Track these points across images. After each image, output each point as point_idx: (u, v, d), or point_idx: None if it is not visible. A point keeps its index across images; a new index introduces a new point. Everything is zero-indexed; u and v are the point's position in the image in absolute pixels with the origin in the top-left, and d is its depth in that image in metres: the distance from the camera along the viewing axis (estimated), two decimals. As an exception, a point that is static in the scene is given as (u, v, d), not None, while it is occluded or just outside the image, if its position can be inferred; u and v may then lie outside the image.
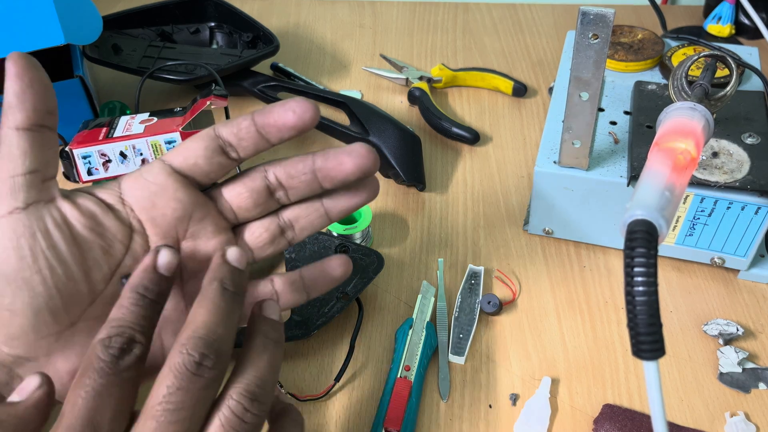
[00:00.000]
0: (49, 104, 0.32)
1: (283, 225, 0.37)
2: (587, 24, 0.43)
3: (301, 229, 0.37)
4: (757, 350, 0.48)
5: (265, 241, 0.37)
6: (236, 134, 0.34)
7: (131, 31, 0.76)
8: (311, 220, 0.37)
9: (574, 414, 0.44)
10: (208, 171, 0.34)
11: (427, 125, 0.69)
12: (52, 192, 0.32)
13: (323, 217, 0.37)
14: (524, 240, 0.57)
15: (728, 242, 0.50)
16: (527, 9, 0.90)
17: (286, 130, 0.34)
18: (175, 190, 0.34)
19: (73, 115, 0.64)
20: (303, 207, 0.37)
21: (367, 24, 0.88)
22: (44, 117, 0.31)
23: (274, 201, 0.36)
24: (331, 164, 0.35)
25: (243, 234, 0.37)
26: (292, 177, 0.35)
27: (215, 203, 0.36)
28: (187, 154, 0.34)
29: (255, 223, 0.37)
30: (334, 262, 0.38)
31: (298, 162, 0.35)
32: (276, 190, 0.36)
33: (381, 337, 0.50)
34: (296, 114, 0.33)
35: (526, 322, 0.50)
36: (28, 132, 0.31)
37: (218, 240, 0.35)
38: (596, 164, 0.51)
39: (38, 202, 0.31)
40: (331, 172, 0.35)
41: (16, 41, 0.57)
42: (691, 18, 0.86)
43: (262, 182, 0.35)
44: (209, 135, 0.34)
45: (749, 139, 0.50)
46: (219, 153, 0.34)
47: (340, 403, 0.45)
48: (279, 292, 0.37)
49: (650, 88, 0.57)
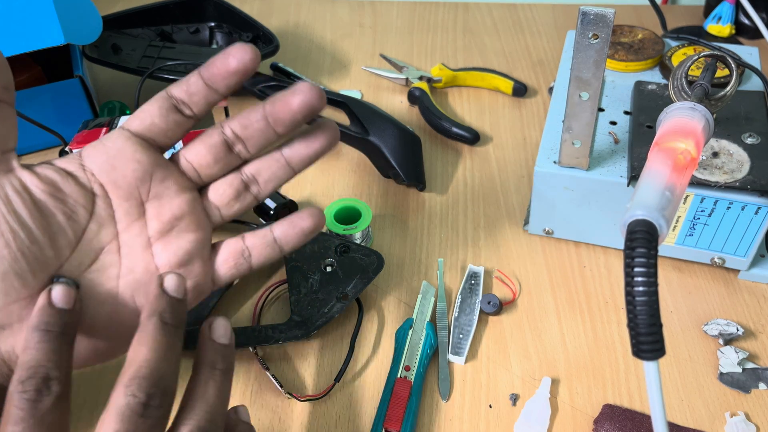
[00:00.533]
0: (3, 80, 0.32)
1: (247, 179, 0.37)
2: (587, 24, 0.43)
3: (265, 182, 0.37)
4: (757, 350, 0.48)
5: (230, 197, 0.37)
6: (186, 90, 0.35)
7: (131, 30, 0.76)
8: (274, 172, 0.37)
9: (574, 414, 0.44)
10: (165, 129, 0.35)
11: (427, 125, 0.69)
12: (11, 163, 0.32)
13: (285, 167, 0.37)
14: (524, 240, 0.57)
15: (728, 242, 0.50)
16: (527, 9, 0.90)
17: (230, 76, 0.34)
18: (133, 152, 0.34)
19: (73, 115, 0.64)
20: (264, 159, 0.37)
21: (367, 24, 0.88)
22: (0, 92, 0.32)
23: (234, 156, 0.37)
24: (278, 106, 0.35)
25: (208, 193, 0.37)
26: (245, 127, 0.36)
27: (177, 165, 0.36)
28: (143, 116, 0.35)
29: (218, 181, 0.37)
30: (305, 213, 0.38)
31: (250, 112, 0.36)
32: (234, 144, 0.36)
33: (381, 337, 0.50)
34: (236, 58, 0.34)
35: (526, 322, 0.50)
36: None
37: (182, 199, 0.36)
38: (596, 164, 0.51)
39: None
40: (280, 113, 0.35)
41: (16, 41, 0.57)
42: (691, 18, 0.86)
43: (219, 138, 0.36)
44: (162, 96, 0.35)
45: (749, 139, 0.50)
46: (173, 111, 0.35)
47: (340, 403, 0.45)
48: (250, 246, 0.37)
49: (650, 88, 0.57)
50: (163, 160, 0.36)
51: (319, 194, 0.62)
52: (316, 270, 0.50)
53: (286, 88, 0.35)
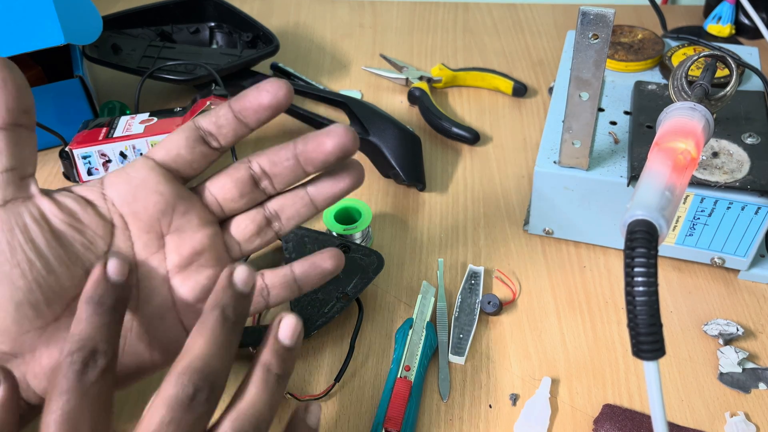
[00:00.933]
0: (24, 103, 0.32)
1: (270, 216, 0.37)
2: (587, 24, 0.43)
3: (287, 219, 0.37)
4: (757, 350, 0.48)
5: (251, 233, 0.37)
6: (215, 122, 0.35)
7: (131, 30, 0.76)
8: (297, 209, 0.37)
9: (574, 414, 0.44)
10: (190, 161, 0.35)
11: (427, 125, 0.69)
12: (31, 189, 0.32)
13: (309, 205, 0.37)
14: (524, 240, 0.57)
15: (728, 242, 0.50)
16: (527, 9, 0.90)
17: (263, 111, 0.34)
18: (156, 183, 0.34)
19: (73, 115, 0.64)
20: (288, 196, 0.37)
21: (367, 24, 0.88)
22: (19, 116, 0.32)
23: (259, 192, 0.36)
24: (311, 146, 0.35)
25: (229, 227, 0.37)
26: (275, 164, 0.35)
27: (200, 197, 0.36)
28: (169, 146, 0.34)
29: (241, 215, 0.37)
30: (326, 254, 0.38)
31: (281, 149, 0.36)
32: (261, 180, 0.36)
33: (381, 337, 0.50)
34: (270, 93, 0.34)
35: (526, 322, 0.50)
36: (3, 131, 0.31)
37: (204, 233, 0.35)
38: (596, 164, 0.51)
39: (16, 199, 0.31)
40: (312, 154, 0.35)
41: (16, 41, 0.57)
42: (691, 18, 0.86)
43: (246, 172, 0.36)
44: (189, 127, 0.35)
45: (749, 139, 0.50)
46: (200, 142, 0.35)
47: (340, 403, 0.45)
48: (269, 286, 0.37)
49: (650, 88, 0.57)
50: (186, 193, 0.35)
51: (319, 194, 0.62)
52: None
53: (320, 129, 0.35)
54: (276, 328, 0.32)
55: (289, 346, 0.32)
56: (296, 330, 0.32)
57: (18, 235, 0.30)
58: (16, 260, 0.30)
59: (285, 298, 0.37)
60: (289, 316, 0.32)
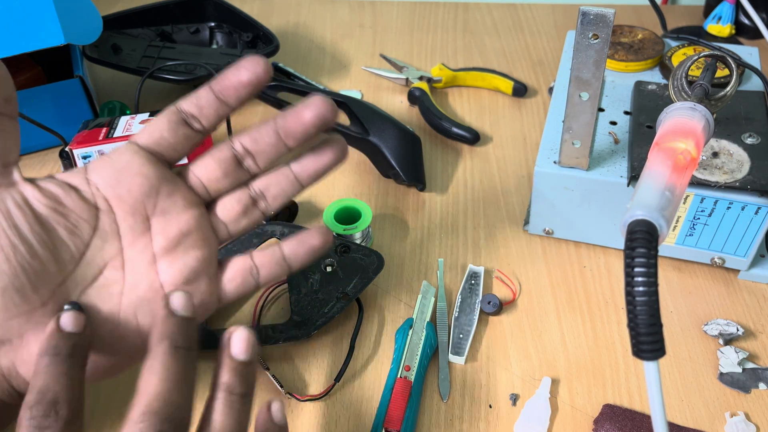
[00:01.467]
0: (5, 92, 0.32)
1: (255, 195, 0.37)
2: (587, 24, 0.43)
3: (273, 198, 0.37)
4: (757, 350, 0.48)
5: (237, 213, 0.37)
6: (196, 104, 0.35)
7: (131, 31, 0.76)
8: (282, 187, 0.37)
9: (574, 414, 0.44)
10: (174, 143, 0.35)
11: (427, 125, 0.69)
12: (13, 176, 0.32)
13: (294, 182, 0.37)
14: (524, 240, 0.57)
15: (728, 242, 0.50)
16: (527, 9, 0.90)
17: (242, 88, 0.34)
18: (140, 166, 0.34)
19: (73, 115, 0.64)
20: (272, 175, 0.37)
21: (367, 24, 0.88)
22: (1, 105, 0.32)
23: (243, 171, 0.36)
24: (290, 120, 0.35)
25: (215, 209, 0.37)
26: (256, 141, 0.36)
27: (185, 179, 0.36)
28: (152, 130, 0.35)
29: (226, 196, 0.37)
30: (313, 230, 0.37)
31: (261, 126, 0.36)
32: (244, 158, 0.36)
33: (381, 337, 0.50)
34: (248, 70, 0.34)
35: (526, 322, 0.50)
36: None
37: (189, 214, 0.35)
38: (596, 164, 0.51)
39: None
40: (292, 126, 0.35)
41: (16, 41, 0.57)
42: (691, 18, 0.86)
43: (229, 152, 0.36)
44: (171, 110, 0.35)
45: (749, 139, 0.50)
46: (183, 125, 0.35)
47: (340, 403, 0.45)
48: (258, 265, 0.37)
49: (650, 88, 0.57)
50: (171, 175, 0.35)
51: (319, 194, 0.62)
52: (316, 270, 0.50)
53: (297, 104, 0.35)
54: (227, 344, 0.31)
55: (246, 360, 0.31)
56: (249, 342, 0.31)
57: (1, 220, 0.30)
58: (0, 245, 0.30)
59: (276, 276, 0.37)
60: (239, 329, 0.31)
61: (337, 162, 0.37)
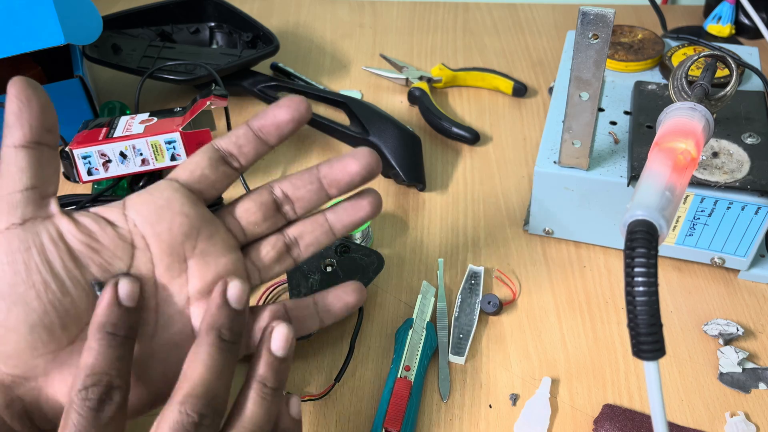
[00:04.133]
0: (47, 122, 0.32)
1: (289, 242, 0.37)
2: (587, 24, 0.43)
3: (306, 246, 0.37)
4: (757, 350, 0.48)
5: (272, 260, 0.36)
6: (235, 142, 0.35)
7: (131, 31, 0.76)
8: (316, 236, 0.37)
9: (574, 414, 0.44)
10: (214, 181, 0.34)
11: (427, 125, 0.69)
12: (51, 209, 0.32)
13: (328, 232, 0.37)
14: (524, 240, 0.57)
15: (728, 242, 0.50)
16: (527, 9, 0.90)
17: (284, 126, 0.34)
18: (181, 204, 0.33)
19: (73, 115, 0.64)
20: (308, 222, 0.37)
21: (367, 24, 0.88)
22: (42, 135, 0.31)
23: (281, 216, 0.36)
24: (336, 169, 0.35)
25: (250, 253, 0.36)
26: (297, 188, 0.36)
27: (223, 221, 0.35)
28: (192, 167, 0.34)
29: (262, 241, 0.36)
30: (349, 287, 0.38)
31: (304, 173, 0.36)
32: (283, 204, 0.36)
33: (381, 337, 0.50)
34: (290, 109, 0.34)
35: (526, 322, 0.50)
36: (26, 149, 0.31)
37: (228, 258, 0.35)
38: (596, 164, 0.51)
39: (35, 219, 0.31)
40: (337, 176, 0.35)
41: (16, 41, 0.57)
42: (691, 18, 0.86)
43: (270, 196, 0.36)
44: (209, 148, 0.35)
45: (749, 139, 0.50)
46: (222, 163, 0.35)
47: (340, 403, 0.45)
48: (291, 318, 0.36)
49: (650, 88, 0.57)
50: (210, 216, 0.35)
51: (319, 194, 0.62)
52: (316, 270, 0.50)
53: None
54: (268, 339, 0.32)
55: (282, 357, 0.32)
56: (288, 340, 0.32)
57: (35, 255, 0.30)
58: (32, 281, 0.29)
59: (307, 330, 0.37)
60: (281, 325, 0.32)
61: (372, 215, 0.37)
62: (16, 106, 0.31)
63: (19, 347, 0.30)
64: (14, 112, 0.31)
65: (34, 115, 0.31)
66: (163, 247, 0.33)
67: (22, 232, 0.30)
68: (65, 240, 0.31)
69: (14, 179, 0.31)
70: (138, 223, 0.33)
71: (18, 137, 0.31)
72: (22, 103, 0.31)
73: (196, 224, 0.34)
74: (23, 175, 0.31)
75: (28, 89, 0.31)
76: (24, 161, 0.31)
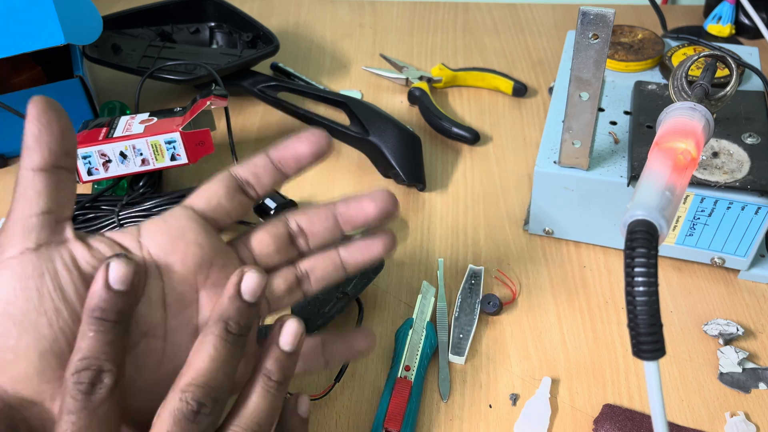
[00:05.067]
0: (66, 146, 0.31)
1: (300, 275, 0.37)
2: (587, 24, 0.43)
3: (316, 280, 0.37)
4: (757, 350, 0.48)
5: (282, 292, 0.36)
6: (253, 172, 0.35)
7: (131, 30, 0.76)
8: (327, 272, 0.37)
9: (575, 414, 0.44)
10: (229, 210, 0.35)
11: (427, 125, 0.69)
12: (65, 233, 0.31)
13: (339, 269, 0.37)
14: (524, 240, 0.57)
15: (728, 242, 0.50)
16: (527, 9, 0.90)
17: (304, 159, 0.34)
18: (196, 234, 0.33)
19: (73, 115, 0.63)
20: (320, 257, 0.37)
21: (367, 24, 0.88)
22: (60, 158, 0.31)
23: (294, 248, 0.36)
24: (353, 209, 0.35)
25: None
26: (313, 223, 0.36)
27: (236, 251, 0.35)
28: (209, 195, 0.34)
29: (274, 273, 0.36)
30: (360, 335, 0.38)
31: (321, 209, 0.36)
32: (297, 237, 0.36)
33: (381, 337, 0.50)
34: (311, 142, 0.34)
35: (526, 322, 0.50)
36: (43, 173, 0.31)
37: None
38: (596, 164, 0.51)
39: (50, 244, 0.31)
40: (353, 216, 0.35)
41: (16, 41, 0.57)
42: (691, 18, 0.86)
43: (284, 228, 0.36)
44: (227, 176, 0.35)
45: (749, 139, 0.50)
46: (239, 191, 0.35)
47: (340, 403, 0.45)
48: None
49: (650, 88, 0.57)
50: (224, 246, 0.34)
51: (320, 194, 0.62)
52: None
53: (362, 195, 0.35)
54: (277, 333, 0.32)
55: (290, 352, 0.32)
56: (297, 335, 0.32)
57: (47, 281, 0.30)
58: (44, 308, 0.29)
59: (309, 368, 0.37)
60: (291, 320, 0.32)
61: (384, 255, 0.37)
62: (37, 129, 0.30)
63: (29, 372, 0.30)
64: (34, 135, 0.31)
65: (54, 138, 0.31)
66: (175, 278, 0.33)
67: (35, 258, 0.30)
68: (79, 266, 0.31)
69: (31, 203, 0.30)
70: (152, 251, 0.33)
71: (37, 161, 0.31)
72: (43, 125, 0.30)
73: (209, 255, 0.33)
74: (40, 199, 0.31)
75: (50, 111, 0.31)
76: (41, 185, 0.31)
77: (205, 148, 0.55)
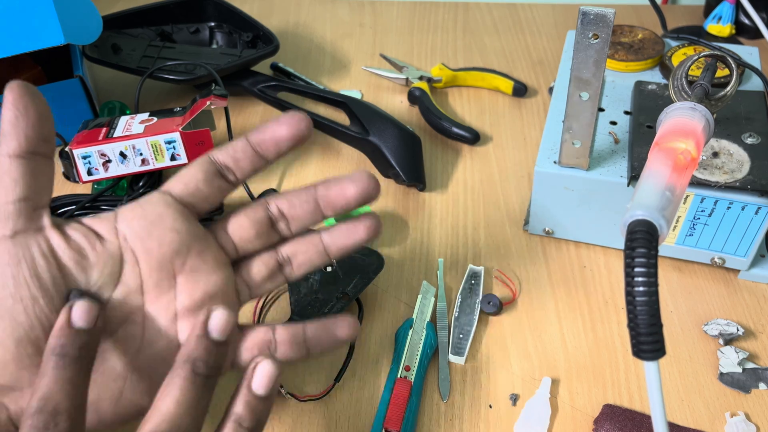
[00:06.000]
0: (44, 131, 0.31)
1: (282, 260, 0.36)
2: (587, 24, 0.43)
3: (299, 265, 0.37)
4: (757, 350, 0.48)
5: (263, 277, 0.36)
6: (232, 155, 0.34)
7: (131, 30, 0.76)
8: (309, 256, 0.37)
9: (575, 414, 0.44)
10: (208, 195, 0.34)
11: (427, 125, 0.69)
12: (42, 221, 0.31)
13: (322, 253, 0.37)
14: (524, 240, 0.57)
15: (728, 242, 0.50)
16: (527, 8, 0.90)
17: (283, 142, 0.34)
18: (173, 220, 0.33)
19: (73, 115, 0.64)
20: (302, 242, 0.36)
21: (367, 24, 0.88)
22: (38, 144, 0.31)
23: (275, 233, 0.36)
24: (333, 191, 0.35)
25: (241, 270, 0.36)
26: (293, 206, 0.35)
27: (215, 236, 0.35)
28: (187, 180, 0.34)
29: (254, 258, 0.36)
30: (341, 322, 0.36)
31: (301, 191, 0.35)
32: (278, 221, 0.36)
33: (381, 337, 0.50)
34: (290, 126, 0.33)
35: (526, 322, 0.50)
36: (20, 159, 0.30)
37: (218, 276, 0.34)
38: (596, 164, 0.51)
39: (26, 231, 0.30)
40: (334, 198, 0.35)
41: (16, 41, 0.57)
42: (691, 18, 0.86)
43: (264, 213, 0.35)
44: (206, 160, 0.34)
45: (749, 139, 0.50)
46: (218, 176, 0.34)
47: (340, 403, 0.45)
48: (278, 342, 0.35)
49: (650, 88, 0.57)
50: (202, 231, 0.34)
51: (319, 194, 0.62)
52: (316, 270, 0.50)
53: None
54: (250, 375, 0.30)
55: (263, 396, 0.30)
56: (272, 379, 0.30)
57: (24, 269, 0.29)
58: (20, 295, 0.29)
59: (291, 358, 0.36)
60: (265, 362, 0.30)
61: (368, 240, 0.37)
62: (13, 115, 0.30)
63: (5, 359, 0.29)
64: (10, 121, 0.30)
65: (31, 124, 0.30)
66: (152, 263, 0.33)
67: (12, 246, 0.30)
68: (55, 254, 0.31)
69: (7, 190, 0.30)
70: (128, 237, 0.32)
71: (13, 147, 0.30)
72: (19, 111, 0.30)
73: (186, 241, 0.33)
74: (16, 186, 0.30)
75: (26, 96, 0.30)
76: (18, 172, 0.30)
77: (205, 148, 0.55)
